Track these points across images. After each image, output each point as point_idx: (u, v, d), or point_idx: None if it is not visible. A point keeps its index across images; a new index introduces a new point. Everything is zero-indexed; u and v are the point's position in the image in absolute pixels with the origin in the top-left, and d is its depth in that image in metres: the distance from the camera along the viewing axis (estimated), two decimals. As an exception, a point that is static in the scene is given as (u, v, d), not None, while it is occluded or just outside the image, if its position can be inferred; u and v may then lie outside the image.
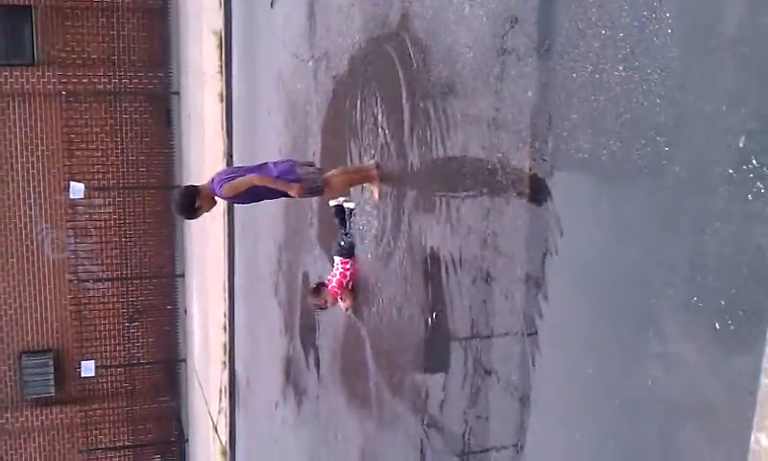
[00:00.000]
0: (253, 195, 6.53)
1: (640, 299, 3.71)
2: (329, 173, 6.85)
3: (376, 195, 6.85)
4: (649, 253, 3.67)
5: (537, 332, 4.60)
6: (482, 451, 5.28)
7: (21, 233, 17.68)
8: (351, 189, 7.30)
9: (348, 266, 7.48)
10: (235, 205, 7.43)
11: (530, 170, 4.59)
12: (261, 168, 6.54)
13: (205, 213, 6.58)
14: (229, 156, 12.98)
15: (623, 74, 3.77)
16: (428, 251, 5.96)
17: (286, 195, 6.56)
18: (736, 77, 3.17)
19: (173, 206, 6.95)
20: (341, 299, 7.63)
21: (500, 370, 5.01)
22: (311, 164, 6.96)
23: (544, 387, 4.58)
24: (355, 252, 7.47)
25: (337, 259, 7.58)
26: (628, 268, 3.82)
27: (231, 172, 6.55)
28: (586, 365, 4.17)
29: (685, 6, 3.44)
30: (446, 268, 5.70)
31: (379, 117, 6.78)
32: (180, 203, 6.49)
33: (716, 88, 3.26)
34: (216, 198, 6.50)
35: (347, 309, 7.86)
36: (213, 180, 6.43)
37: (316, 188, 6.63)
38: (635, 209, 3.76)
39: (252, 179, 6.37)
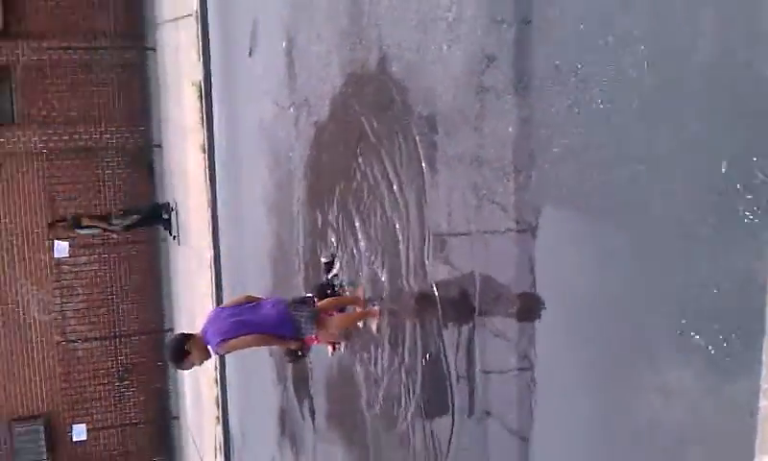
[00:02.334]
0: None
1: (634, 330, 3.69)
2: (323, 306, 6.79)
3: (374, 328, 6.85)
4: (638, 283, 3.65)
5: (532, 369, 4.55)
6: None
7: (6, 297, 17.51)
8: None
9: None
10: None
11: (515, 204, 4.57)
12: (255, 310, 6.40)
13: (197, 364, 6.39)
14: (213, 204, 12.95)
15: (601, 107, 3.78)
16: (415, 288, 5.93)
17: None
18: (711, 104, 3.18)
19: (165, 354, 6.90)
20: (319, 342, 7.49)
21: (499, 411, 4.95)
22: (304, 301, 6.76)
23: (542, 428, 4.52)
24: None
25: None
26: (617, 300, 3.80)
27: (225, 327, 6.27)
28: (582, 404, 4.12)
29: (659, 37, 3.45)
30: (436, 303, 5.67)
31: (360, 160, 6.77)
32: (171, 349, 6.37)
33: (696, 116, 3.27)
34: (209, 351, 6.34)
35: (333, 353, 7.78)
36: (207, 331, 6.28)
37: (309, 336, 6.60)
38: (621, 240, 3.75)
39: (249, 341, 6.29)
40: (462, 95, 5.08)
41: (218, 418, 13.81)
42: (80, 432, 16.53)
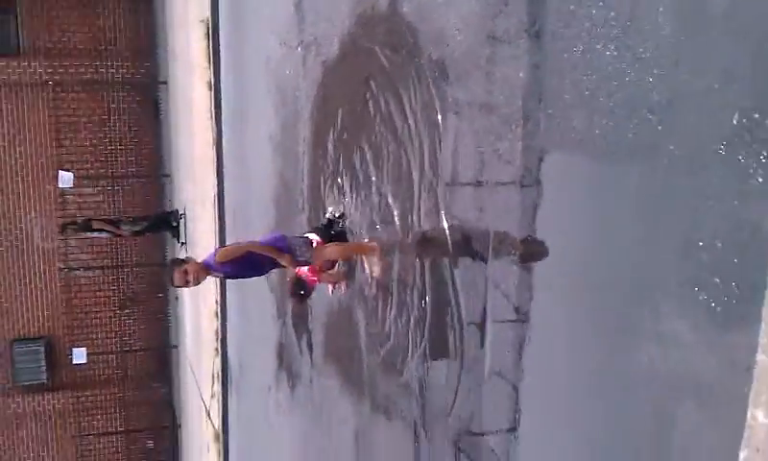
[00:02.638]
0: (245, 266, 6.72)
1: (635, 277, 3.74)
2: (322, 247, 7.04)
3: (375, 269, 6.91)
4: (643, 231, 3.69)
5: (529, 316, 4.63)
6: (477, 434, 5.31)
7: (11, 223, 17.62)
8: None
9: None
10: (226, 278, 7.98)
11: (522, 150, 4.60)
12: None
13: (193, 285, 6.72)
14: (218, 144, 12.95)
15: (615, 54, 3.79)
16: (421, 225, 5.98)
17: (276, 266, 6.80)
18: (726, 53, 3.19)
19: (164, 270, 7.32)
20: (321, 281, 7.60)
21: (495, 353, 5.04)
22: (303, 237, 7.12)
23: (538, 369, 4.61)
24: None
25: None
26: (622, 247, 3.84)
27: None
28: (580, 352, 4.20)
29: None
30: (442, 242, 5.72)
31: (374, 94, 6.77)
32: (170, 261, 6.97)
33: (709, 65, 3.27)
34: (209, 271, 6.69)
35: (333, 291, 7.86)
36: (209, 256, 6.73)
37: (303, 259, 6.83)
38: (628, 188, 3.78)
39: (248, 246, 6.69)
40: (473, 39, 5.06)
41: (217, 349, 14.00)
42: (80, 355, 16.78)
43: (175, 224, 17.17)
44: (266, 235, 6.90)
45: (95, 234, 16.71)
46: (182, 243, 16.81)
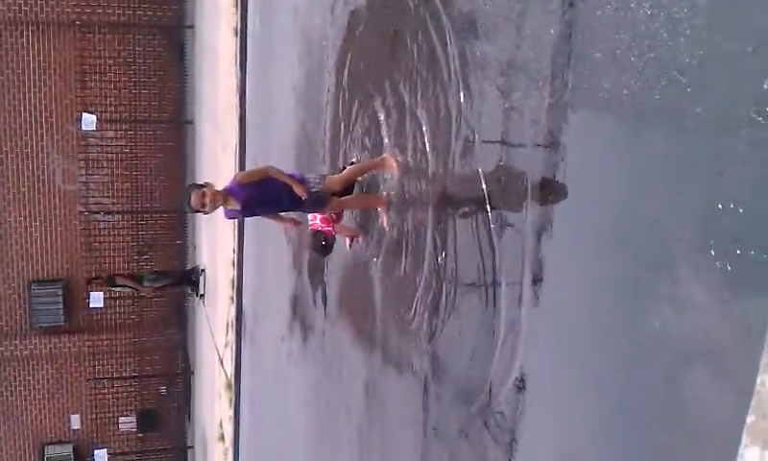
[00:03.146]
0: (263, 195, 6.74)
1: (655, 239, 3.72)
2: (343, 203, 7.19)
3: (385, 223, 6.99)
4: (666, 194, 3.65)
5: (542, 276, 4.61)
6: (486, 392, 5.32)
7: (32, 163, 17.70)
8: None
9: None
10: (243, 215, 7.99)
11: (549, 108, 4.55)
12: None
13: (209, 210, 6.74)
14: (242, 91, 12.92)
15: (648, 12, 3.72)
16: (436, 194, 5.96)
17: (293, 202, 6.81)
18: (764, 17, 3.12)
19: (184, 203, 7.35)
20: (336, 232, 7.61)
21: (506, 309, 5.03)
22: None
23: (551, 325, 4.60)
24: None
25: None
26: (644, 209, 3.81)
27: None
28: (595, 304, 4.19)
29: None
30: (456, 213, 5.70)
31: (393, 55, 6.71)
32: (188, 188, 6.87)
33: (743, 29, 3.21)
34: (227, 198, 6.72)
35: (351, 245, 7.86)
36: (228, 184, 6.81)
37: (319, 196, 6.87)
38: (653, 151, 3.74)
39: (266, 168, 6.81)
40: (504, -7, 5.00)
41: (232, 298, 14.11)
42: (97, 299, 16.96)
43: (195, 279, 17.74)
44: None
45: (118, 290, 17.20)
46: (201, 295, 17.16)
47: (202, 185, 6.70)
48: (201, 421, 18.62)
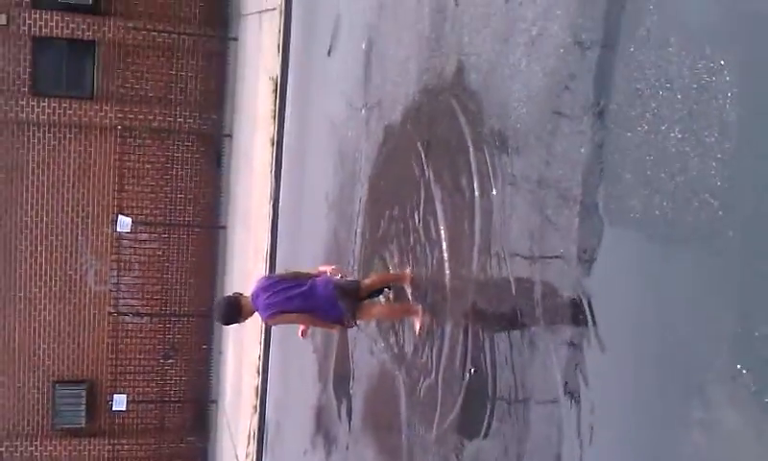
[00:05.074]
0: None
1: (687, 365, 3.62)
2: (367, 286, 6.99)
3: (416, 328, 6.86)
4: (697, 319, 3.58)
5: (580, 398, 4.49)
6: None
7: (66, 262, 17.92)
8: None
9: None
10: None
11: (579, 227, 4.53)
12: (310, 291, 6.53)
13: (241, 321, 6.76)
14: (275, 196, 13.09)
15: (679, 136, 3.73)
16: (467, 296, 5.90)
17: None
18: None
19: (215, 313, 7.21)
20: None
21: (539, 433, 4.89)
22: (351, 286, 6.80)
23: (587, 447, 4.45)
24: None
25: None
26: (675, 333, 3.73)
27: (277, 299, 6.50)
28: (629, 432, 4.06)
29: (747, 68, 3.40)
30: (485, 318, 5.63)
31: (425, 167, 6.78)
32: (223, 313, 6.74)
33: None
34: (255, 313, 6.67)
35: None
36: (257, 296, 6.53)
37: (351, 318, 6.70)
38: (684, 272, 3.68)
39: (296, 320, 6.65)
40: (537, 113, 5.05)
41: (255, 407, 13.92)
42: (120, 402, 16.81)
43: None
44: (319, 284, 6.59)
45: None
46: None
47: (237, 301, 6.65)
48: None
